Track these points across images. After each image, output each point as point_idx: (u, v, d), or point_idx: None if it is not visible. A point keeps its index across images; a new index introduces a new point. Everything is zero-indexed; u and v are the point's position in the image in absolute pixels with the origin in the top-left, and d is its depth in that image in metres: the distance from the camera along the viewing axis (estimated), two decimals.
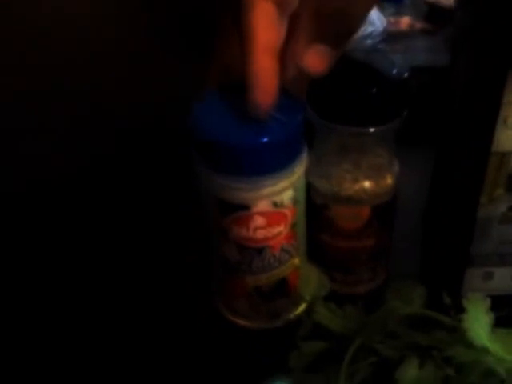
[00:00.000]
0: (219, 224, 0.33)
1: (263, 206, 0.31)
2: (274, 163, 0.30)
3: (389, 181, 0.37)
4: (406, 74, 0.39)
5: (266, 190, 0.31)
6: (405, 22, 0.56)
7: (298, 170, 0.32)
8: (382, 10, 0.52)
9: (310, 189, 0.37)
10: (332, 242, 0.39)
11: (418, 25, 0.56)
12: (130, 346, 0.35)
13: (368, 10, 0.28)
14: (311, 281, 0.33)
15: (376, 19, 0.47)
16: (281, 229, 0.33)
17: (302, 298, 0.37)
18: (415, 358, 0.28)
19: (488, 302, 0.29)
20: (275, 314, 0.36)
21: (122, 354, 0.35)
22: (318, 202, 0.38)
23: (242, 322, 0.37)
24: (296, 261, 0.35)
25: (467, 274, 0.35)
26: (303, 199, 0.34)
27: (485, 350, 0.28)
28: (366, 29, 0.45)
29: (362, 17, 0.28)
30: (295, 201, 0.33)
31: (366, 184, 0.36)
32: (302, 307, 0.37)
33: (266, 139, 0.29)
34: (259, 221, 0.32)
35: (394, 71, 0.35)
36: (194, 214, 0.37)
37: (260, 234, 0.32)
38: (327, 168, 0.37)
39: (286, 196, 0.32)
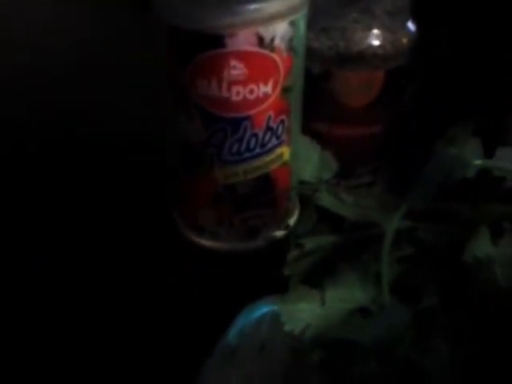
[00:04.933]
0: (179, 81, 0.21)
1: (244, 40, 0.19)
2: None
3: (405, 37, 0.26)
4: None
5: (249, 12, 0.19)
6: None
7: None
8: None
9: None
10: (330, 132, 0.28)
11: None
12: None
13: None
14: (311, 160, 0.22)
15: None
16: (268, 90, 0.21)
17: (290, 211, 0.26)
18: (486, 231, 0.18)
19: None
20: (253, 230, 0.25)
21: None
22: (316, 71, 0.26)
23: (207, 243, 0.26)
24: (285, 152, 0.24)
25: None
26: (302, 52, 0.22)
27: None
28: None
29: None
30: (291, 46, 0.21)
31: (380, 35, 0.25)
32: (291, 222, 0.26)
33: None
34: (237, 68, 0.20)
35: None
36: None
37: (237, 93, 0.20)
38: (329, 21, 0.25)
39: (279, 30, 0.20)
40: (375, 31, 0.25)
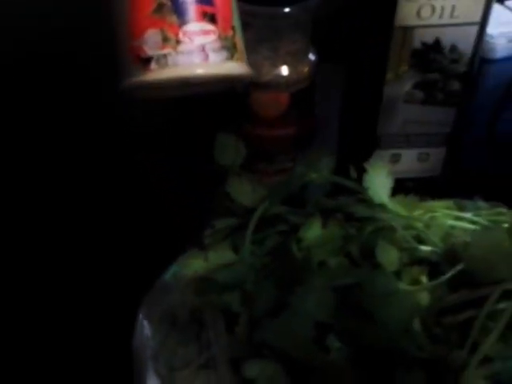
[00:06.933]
0: None
1: None
2: None
3: (306, 67, 0.38)
4: None
5: None
6: None
7: None
8: None
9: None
10: (254, 131, 0.40)
11: None
12: None
13: None
14: (228, 148, 0.33)
15: None
16: None
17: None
18: (318, 219, 0.30)
19: (388, 168, 0.32)
20: (201, 50, 0.27)
21: None
22: (240, 91, 0.39)
23: (154, 76, 0.27)
24: None
25: (375, 155, 0.38)
26: None
27: (382, 207, 0.31)
28: None
29: None
30: None
31: (284, 69, 0.38)
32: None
33: None
34: None
35: None
36: None
37: None
38: (248, 55, 0.38)
39: None
40: (280, 66, 0.38)
